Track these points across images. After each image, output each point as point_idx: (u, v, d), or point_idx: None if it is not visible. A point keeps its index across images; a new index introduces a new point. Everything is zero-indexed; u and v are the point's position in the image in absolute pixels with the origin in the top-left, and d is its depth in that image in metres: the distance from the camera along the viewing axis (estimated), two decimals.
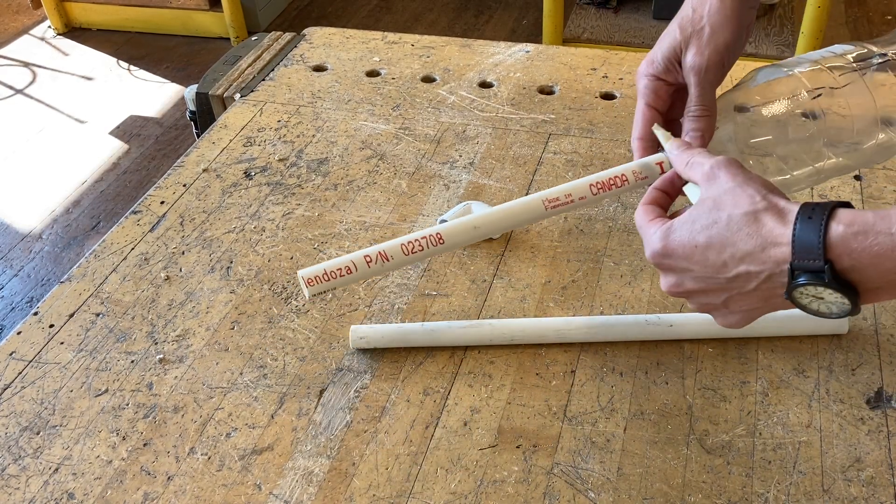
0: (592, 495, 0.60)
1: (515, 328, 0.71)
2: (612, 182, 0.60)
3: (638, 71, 0.65)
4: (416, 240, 0.61)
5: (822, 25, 2.22)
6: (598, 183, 0.60)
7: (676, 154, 0.58)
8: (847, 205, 0.48)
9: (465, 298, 0.76)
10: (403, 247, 0.61)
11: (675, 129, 0.62)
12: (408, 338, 0.72)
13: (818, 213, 0.47)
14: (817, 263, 0.46)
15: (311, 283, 0.61)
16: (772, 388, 0.67)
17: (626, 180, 0.60)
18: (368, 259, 0.61)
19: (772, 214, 0.49)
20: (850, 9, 2.92)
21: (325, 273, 0.61)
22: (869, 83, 0.60)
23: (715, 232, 0.50)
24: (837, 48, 0.63)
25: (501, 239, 0.82)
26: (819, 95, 0.60)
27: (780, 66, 0.63)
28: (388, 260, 0.61)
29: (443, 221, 0.82)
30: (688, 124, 0.61)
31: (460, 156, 0.94)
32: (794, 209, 0.48)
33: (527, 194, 0.87)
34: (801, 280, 0.47)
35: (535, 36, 2.90)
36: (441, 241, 0.61)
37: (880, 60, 0.60)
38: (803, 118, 0.61)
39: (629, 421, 0.65)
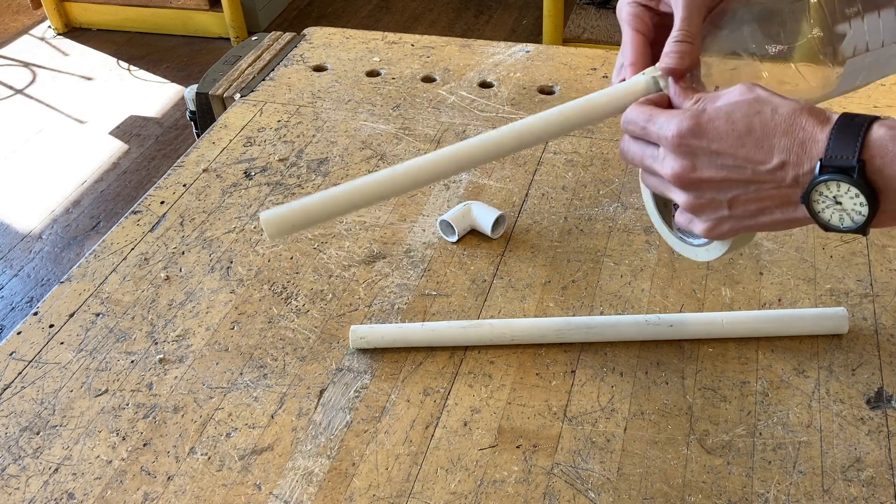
0: (592, 495, 0.60)
1: (515, 328, 0.71)
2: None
3: (620, 1, 0.61)
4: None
5: None
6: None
7: (680, 93, 0.55)
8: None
9: (465, 298, 0.76)
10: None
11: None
12: (408, 338, 0.72)
13: (863, 117, 0.47)
14: (849, 161, 0.46)
15: (274, 237, 0.57)
16: (772, 388, 0.67)
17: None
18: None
19: (815, 114, 0.48)
20: None
21: (293, 228, 0.56)
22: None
23: (758, 121, 0.49)
24: None
25: (501, 239, 0.82)
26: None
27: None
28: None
29: (443, 222, 0.82)
30: (668, 47, 0.56)
31: None
32: (835, 115, 0.48)
33: (527, 195, 0.87)
34: (826, 176, 0.47)
35: (535, 36, 2.90)
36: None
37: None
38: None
39: (629, 421, 0.65)
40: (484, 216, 0.82)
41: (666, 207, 0.64)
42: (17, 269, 2.11)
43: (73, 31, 3.13)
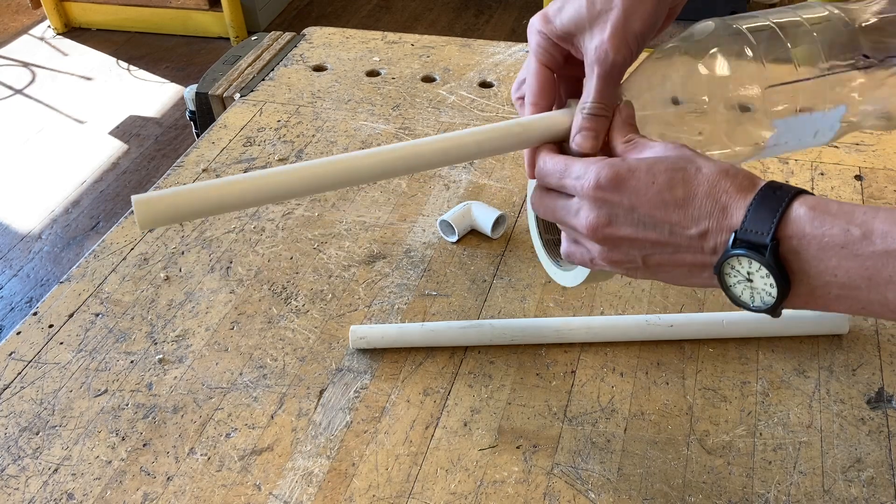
0: (593, 496, 0.60)
1: (515, 328, 0.71)
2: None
3: (531, 23, 0.56)
4: None
5: None
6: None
7: (614, 128, 0.52)
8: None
9: (465, 298, 0.76)
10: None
11: (570, 87, 0.57)
12: (408, 338, 0.72)
13: (785, 190, 0.44)
14: (763, 238, 0.43)
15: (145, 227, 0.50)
16: (772, 389, 0.67)
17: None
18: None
19: (739, 179, 0.46)
20: None
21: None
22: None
23: (681, 177, 0.46)
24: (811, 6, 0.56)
25: (501, 239, 0.82)
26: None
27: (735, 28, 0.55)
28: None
29: (443, 222, 0.82)
30: (581, 121, 0.53)
31: None
32: (761, 182, 0.46)
33: (527, 194, 0.87)
34: (739, 251, 0.44)
35: None
36: None
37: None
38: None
39: (629, 421, 0.65)
40: (484, 216, 0.82)
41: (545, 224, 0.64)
42: (17, 269, 2.11)
43: (73, 31, 3.13)
